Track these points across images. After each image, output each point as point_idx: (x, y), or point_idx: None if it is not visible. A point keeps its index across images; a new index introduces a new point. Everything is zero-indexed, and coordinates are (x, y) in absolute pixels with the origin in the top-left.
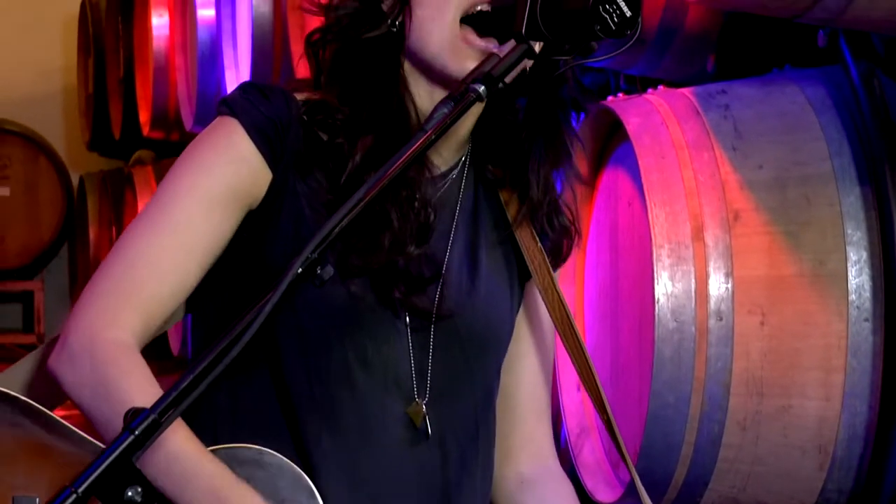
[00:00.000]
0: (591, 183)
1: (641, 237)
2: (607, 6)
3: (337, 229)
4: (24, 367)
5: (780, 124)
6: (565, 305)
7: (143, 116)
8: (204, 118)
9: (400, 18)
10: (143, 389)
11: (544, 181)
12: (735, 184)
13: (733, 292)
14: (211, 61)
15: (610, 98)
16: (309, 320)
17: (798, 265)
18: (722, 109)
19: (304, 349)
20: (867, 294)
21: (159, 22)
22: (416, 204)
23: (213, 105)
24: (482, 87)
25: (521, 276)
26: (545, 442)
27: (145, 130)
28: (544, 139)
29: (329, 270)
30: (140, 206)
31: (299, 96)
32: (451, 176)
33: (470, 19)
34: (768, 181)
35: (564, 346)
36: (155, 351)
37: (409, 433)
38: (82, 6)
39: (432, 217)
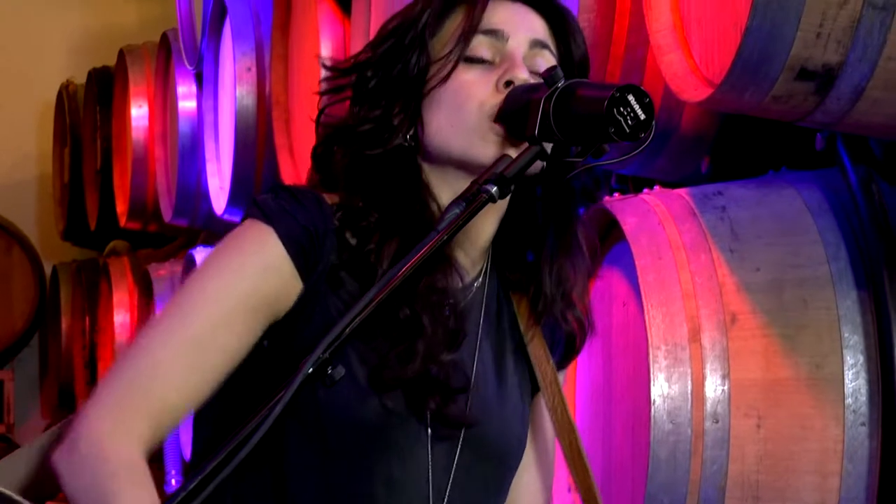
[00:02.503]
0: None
1: (636, 338)
2: (622, 109)
3: (348, 329)
4: (25, 454)
5: (777, 227)
6: (575, 429)
7: (121, 207)
8: (183, 210)
9: (412, 131)
10: None
11: (557, 274)
12: (732, 286)
13: (730, 395)
14: (192, 153)
15: (605, 198)
16: (337, 436)
17: (795, 368)
18: (719, 211)
19: (323, 466)
20: (863, 398)
21: (139, 113)
22: (447, 309)
23: (193, 197)
24: (494, 188)
25: (533, 386)
26: None
27: (122, 221)
28: (555, 231)
29: (340, 370)
30: (115, 297)
31: (329, 199)
32: (476, 282)
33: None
34: (765, 284)
35: (570, 472)
36: None
37: None
38: (59, 95)
39: (462, 322)
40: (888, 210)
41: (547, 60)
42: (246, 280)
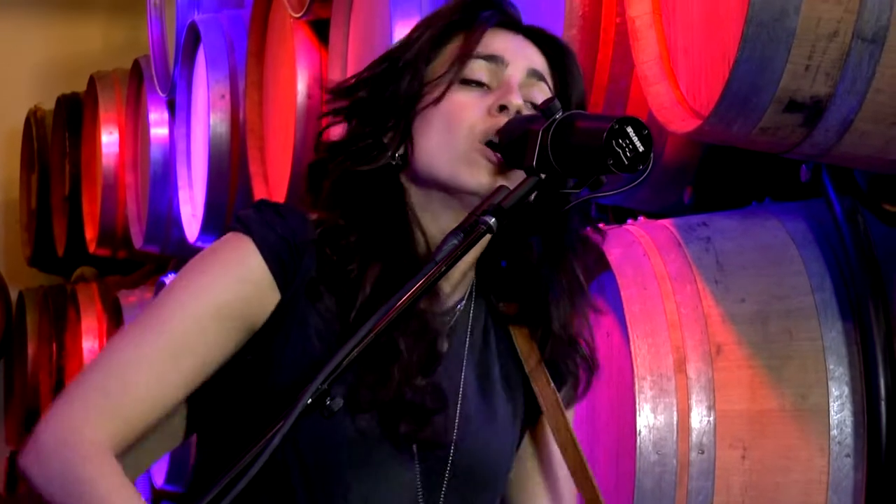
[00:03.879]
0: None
1: (620, 368)
2: (620, 141)
3: (346, 360)
4: None
5: (761, 258)
6: (578, 447)
7: (90, 233)
8: (154, 237)
9: (402, 150)
10: (119, 491)
11: (564, 315)
12: (717, 317)
13: (715, 426)
14: (163, 180)
15: (588, 228)
16: (311, 454)
17: (780, 400)
18: (703, 242)
19: (307, 484)
20: (849, 430)
21: (109, 139)
22: (426, 334)
23: (165, 224)
24: (492, 220)
25: (527, 413)
26: None
27: (91, 248)
28: (560, 273)
29: (339, 402)
30: (83, 324)
31: (312, 216)
32: (459, 307)
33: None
34: (750, 315)
35: (577, 486)
36: None
37: None
38: (27, 121)
39: (442, 347)
40: (873, 241)
41: (543, 92)
42: (221, 289)
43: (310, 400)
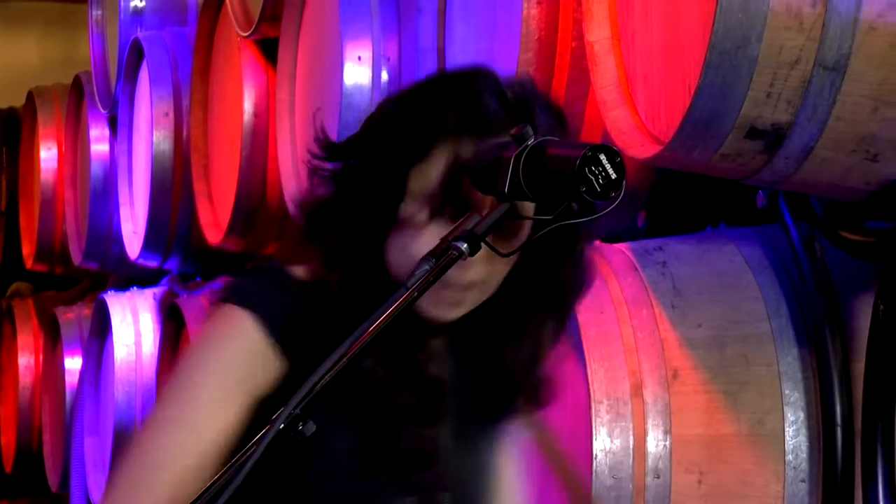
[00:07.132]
0: None
1: (575, 392)
2: (593, 168)
3: (319, 385)
4: None
5: (718, 283)
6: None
7: (27, 249)
8: (94, 253)
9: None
10: None
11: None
12: (674, 341)
13: (671, 450)
14: (104, 197)
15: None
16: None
17: (736, 425)
18: (660, 266)
19: None
20: (804, 455)
21: (47, 155)
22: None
23: (105, 241)
24: (465, 245)
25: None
26: None
27: (28, 263)
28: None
29: (311, 427)
30: (19, 340)
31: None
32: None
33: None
34: (707, 340)
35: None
36: (32, 486)
37: None
38: None
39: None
40: (830, 268)
41: None
42: (227, 367)
43: (282, 425)
